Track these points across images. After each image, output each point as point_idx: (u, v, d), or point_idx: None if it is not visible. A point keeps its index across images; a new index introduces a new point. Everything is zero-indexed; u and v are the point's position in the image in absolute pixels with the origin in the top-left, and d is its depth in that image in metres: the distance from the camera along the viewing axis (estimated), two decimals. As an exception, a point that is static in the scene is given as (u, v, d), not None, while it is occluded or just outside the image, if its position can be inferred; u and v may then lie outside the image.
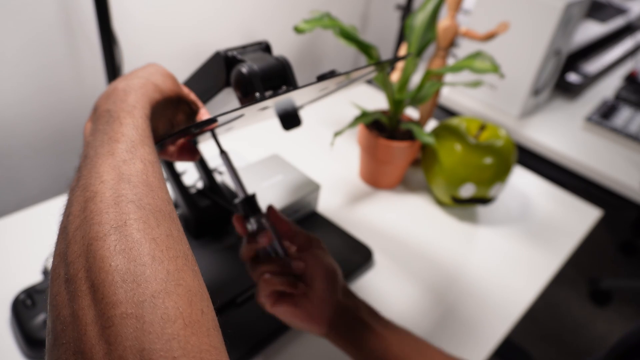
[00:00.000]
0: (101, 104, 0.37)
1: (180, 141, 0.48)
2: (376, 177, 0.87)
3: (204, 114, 0.50)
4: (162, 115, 0.42)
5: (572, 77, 1.37)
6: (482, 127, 0.83)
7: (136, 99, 0.36)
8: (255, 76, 0.47)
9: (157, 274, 0.24)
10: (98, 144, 0.32)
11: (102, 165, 0.29)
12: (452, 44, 0.82)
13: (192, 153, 0.49)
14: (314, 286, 0.49)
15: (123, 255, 0.24)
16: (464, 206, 0.83)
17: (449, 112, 1.30)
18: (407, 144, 0.80)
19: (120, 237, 0.25)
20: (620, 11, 1.71)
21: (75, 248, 0.25)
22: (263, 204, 0.53)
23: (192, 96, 0.49)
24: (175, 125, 0.45)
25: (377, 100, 1.14)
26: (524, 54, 1.13)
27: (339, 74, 0.43)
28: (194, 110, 0.47)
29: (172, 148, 0.48)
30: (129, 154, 0.30)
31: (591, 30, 1.49)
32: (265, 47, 0.53)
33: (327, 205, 0.82)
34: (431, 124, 1.05)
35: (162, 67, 0.44)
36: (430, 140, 0.73)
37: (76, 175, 0.31)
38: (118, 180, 0.28)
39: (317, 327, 0.50)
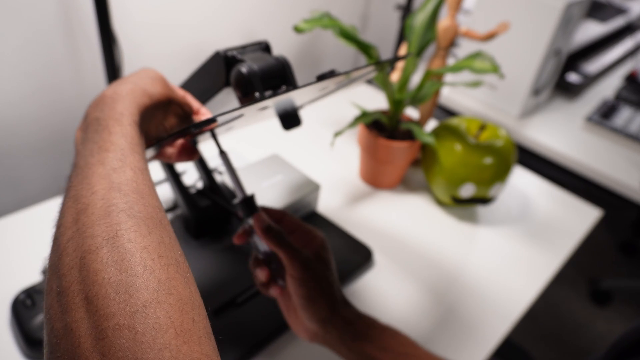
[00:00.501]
0: (90, 112, 0.37)
1: (179, 142, 0.48)
2: (376, 177, 0.87)
3: (204, 114, 0.50)
4: (153, 119, 0.42)
5: (572, 77, 1.37)
6: (482, 127, 0.83)
7: (124, 106, 0.36)
8: (254, 76, 0.47)
9: (148, 284, 0.24)
10: (88, 153, 0.32)
11: (92, 175, 0.30)
12: (452, 44, 0.82)
13: (191, 153, 0.49)
14: (296, 306, 0.49)
15: (115, 267, 0.24)
16: (464, 206, 0.83)
17: (449, 112, 1.30)
18: (407, 144, 0.80)
19: (112, 248, 0.25)
20: (620, 11, 1.71)
21: (67, 260, 0.25)
22: (263, 204, 0.53)
23: (188, 97, 0.49)
24: (167, 128, 0.45)
25: (377, 100, 1.14)
26: (524, 54, 1.13)
27: (339, 74, 0.43)
28: (186, 112, 0.47)
29: (170, 150, 0.48)
30: (119, 162, 0.31)
31: (591, 30, 1.49)
32: (265, 47, 0.53)
33: (327, 205, 0.82)
34: (431, 124, 1.05)
35: (153, 70, 0.43)
36: (430, 140, 0.73)
37: (67, 184, 0.31)
38: (109, 189, 0.28)
39: (300, 337, 0.52)
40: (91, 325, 0.23)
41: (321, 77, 0.43)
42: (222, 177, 0.76)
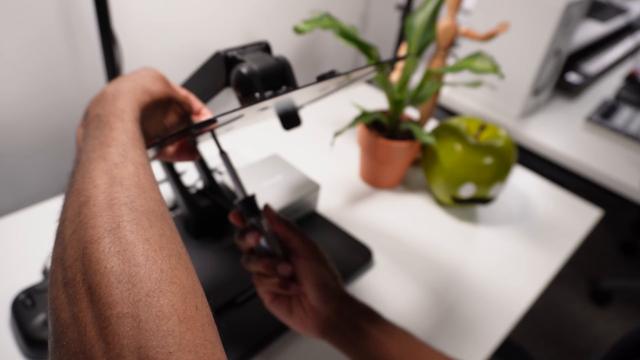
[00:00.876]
0: (91, 109, 0.37)
1: (179, 142, 0.48)
2: (376, 177, 0.87)
3: (206, 114, 0.50)
4: (153, 117, 0.42)
5: (572, 77, 1.37)
6: (482, 127, 0.83)
7: (125, 103, 0.37)
8: (255, 76, 0.47)
9: (150, 274, 0.24)
10: (89, 149, 0.32)
11: (94, 169, 0.30)
12: (452, 44, 0.82)
13: (191, 153, 0.49)
14: (306, 294, 0.50)
15: (117, 257, 0.25)
16: (464, 206, 0.83)
17: (449, 112, 1.30)
18: (407, 144, 0.80)
19: (114, 239, 0.25)
20: (620, 11, 1.71)
21: (72, 252, 0.26)
22: (263, 204, 0.53)
23: (191, 97, 0.49)
24: (167, 127, 0.45)
25: (377, 100, 1.14)
26: (524, 54, 1.13)
27: (339, 75, 0.43)
28: (186, 111, 0.47)
29: (170, 149, 0.48)
30: (121, 157, 0.31)
31: (591, 30, 1.49)
32: (265, 47, 0.53)
33: (327, 205, 0.82)
34: (431, 124, 1.05)
35: (154, 69, 0.44)
36: (430, 140, 0.73)
37: (69, 180, 0.31)
38: (110, 183, 0.29)
39: (309, 334, 0.51)
40: (95, 313, 0.23)
41: (321, 78, 0.43)
42: (222, 177, 0.76)
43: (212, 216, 0.68)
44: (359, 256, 0.71)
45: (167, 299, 0.24)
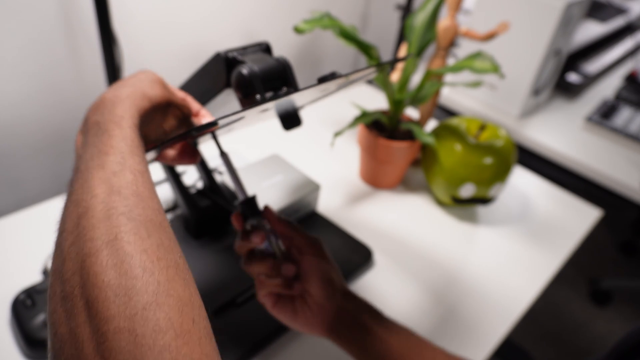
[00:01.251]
0: (90, 115, 0.37)
1: (179, 145, 0.48)
2: (376, 177, 0.87)
3: (205, 115, 0.50)
4: (152, 122, 0.42)
5: (572, 77, 1.37)
6: (482, 127, 0.83)
7: (124, 110, 0.36)
8: (255, 77, 0.47)
9: (147, 286, 0.24)
10: (88, 157, 0.32)
11: (93, 178, 0.30)
12: (452, 44, 0.82)
13: (192, 156, 0.49)
14: (310, 292, 0.49)
15: (114, 270, 0.25)
16: (464, 206, 0.83)
17: (449, 112, 1.30)
18: (407, 144, 0.80)
19: (111, 251, 0.25)
20: (620, 11, 1.71)
21: (70, 265, 0.26)
22: (263, 204, 0.53)
23: (189, 99, 0.49)
24: (166, 130, 0.45)
25: (377, 100, 1.14)
26: (524, 54, 1.13)
27: (340, 76, 0.43)
28: (185, 114, 0.47)
29: (171, 152, 0.48)
30: (119, 165, 0.31)
31: (591, 30, 1.49)
32: (266, 48, 0.53)
33: (327, 205, 0.82)
34: (431, 124, 1.05)
35: (152, 73, 0.43)
36: (430, 140, 0.73)
37: (68, 189, 0.31)
38: (109, 192, 0.29)
39: (316, 332, 0.51)
40: (92, 329, 0.23)
41: (322, 80, 0.43)
42: (222, 177, 0.76)
43: (212, 216, 0.68)
44: (359, 256, 0.71)
45: (164, 312, 0.24)
